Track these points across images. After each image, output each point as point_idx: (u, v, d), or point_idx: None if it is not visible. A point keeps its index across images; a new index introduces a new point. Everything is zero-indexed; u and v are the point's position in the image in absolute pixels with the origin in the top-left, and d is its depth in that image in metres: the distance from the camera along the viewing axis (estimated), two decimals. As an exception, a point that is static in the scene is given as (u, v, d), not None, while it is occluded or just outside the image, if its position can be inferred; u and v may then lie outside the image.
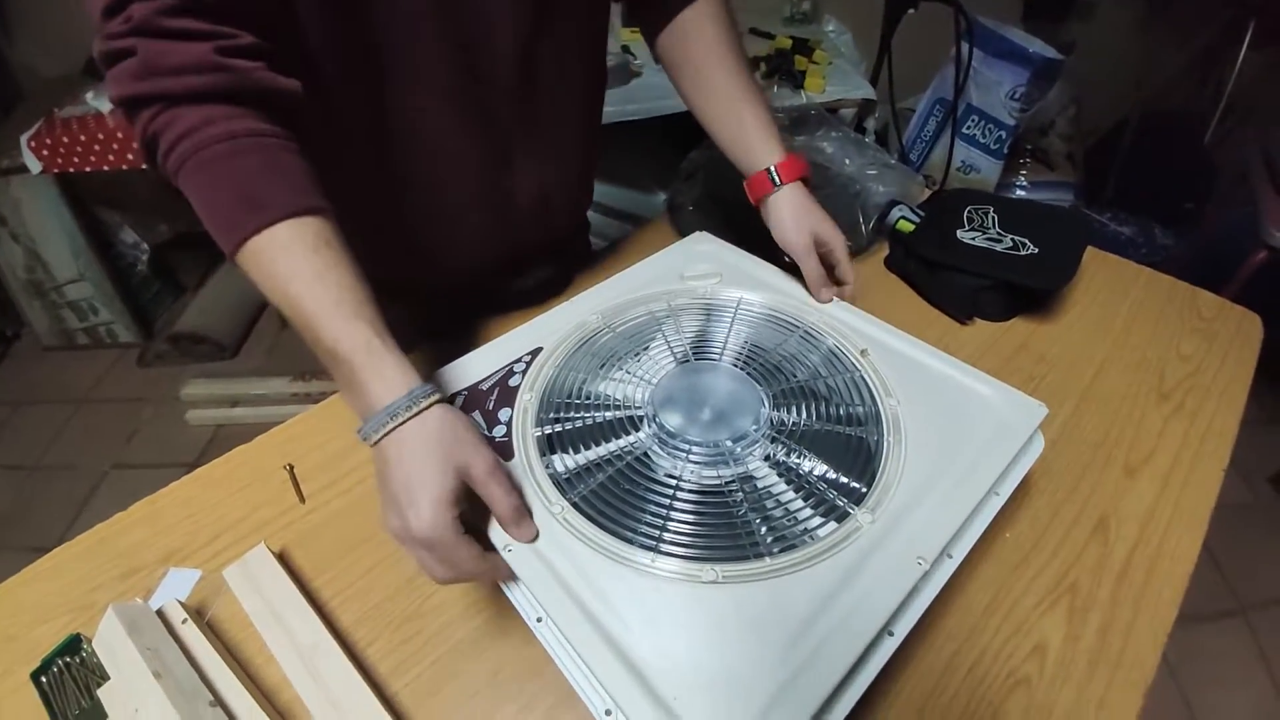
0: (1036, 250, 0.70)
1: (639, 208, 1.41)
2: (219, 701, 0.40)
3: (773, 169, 0.60)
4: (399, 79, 0.51)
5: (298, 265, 0.39)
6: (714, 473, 0.45)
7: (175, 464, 0.59)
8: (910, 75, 1.59)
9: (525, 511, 0.41)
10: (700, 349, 0.54)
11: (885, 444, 0.46)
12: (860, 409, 0.49)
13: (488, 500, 0.40)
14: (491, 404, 0.50)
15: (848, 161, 0.84)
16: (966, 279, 0.69)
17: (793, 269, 0.62)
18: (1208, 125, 1.71)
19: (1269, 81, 1.65)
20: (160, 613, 0.46)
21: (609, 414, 0.49)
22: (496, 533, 0.41)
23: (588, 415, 0.49)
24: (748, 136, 0.62)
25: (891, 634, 0.38)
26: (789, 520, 0.42)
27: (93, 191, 1.75)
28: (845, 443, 0.47)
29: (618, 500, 0.43)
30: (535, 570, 0.39)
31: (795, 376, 0.52)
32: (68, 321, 1.87)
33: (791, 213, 0.60)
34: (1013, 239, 0.71)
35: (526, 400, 0.50)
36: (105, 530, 0.55)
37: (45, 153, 1.51)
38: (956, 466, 0.44)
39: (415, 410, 0.38)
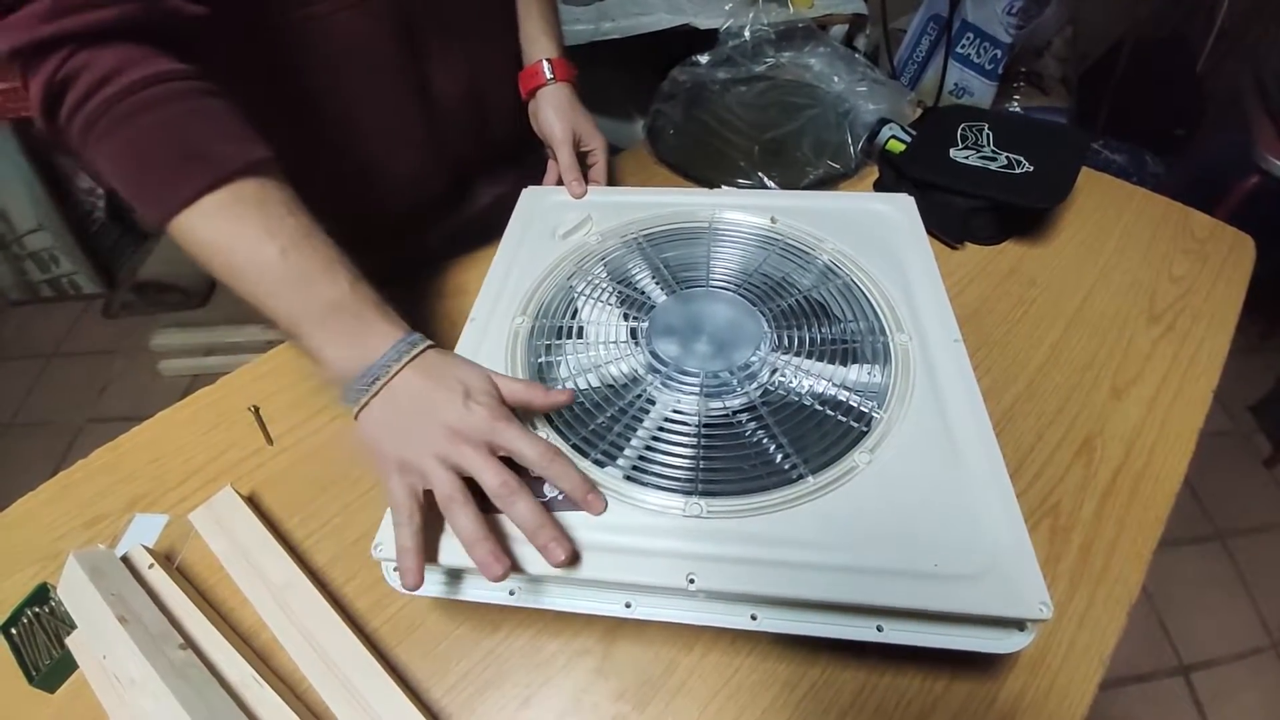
0: (1032, 168, 0.67)
1: (617, 137, 1.35)
2: (190, 644, 0.39)
3: (546, 62, 0.62)
4: None
5: (274, 224, 0.37)
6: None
7: (151, 416, 0.57)
8: (903, -7, 1.51)
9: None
10: (632, 300, 0.52)
11: (874, 294, 0.49)
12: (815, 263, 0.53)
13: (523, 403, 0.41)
14: None
15: (836, 79, 0.79)
16: (959, 200, 0.66)
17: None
18: (1200, 51, 1.67)
19: (1261, 7, 1.59)
20: (126, 559, 0.44)
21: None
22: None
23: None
24: (530, 26, 0.63)
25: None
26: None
27: (43, 136, 1.65)
28: (848, 290, 0.50)
29: (737, 454, 0.41)
30: (729, 572, 0.36)
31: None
32: (30, 274, 1.80)
33: (556, 106, 0.62)
34: (1008, 157, 0.68)
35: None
36: (67, 478, 0.53)
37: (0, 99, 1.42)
38: (912, 276, 0.51)
39: (425, 344, 0.39)
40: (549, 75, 0.62)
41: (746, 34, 0.83)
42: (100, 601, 0.39)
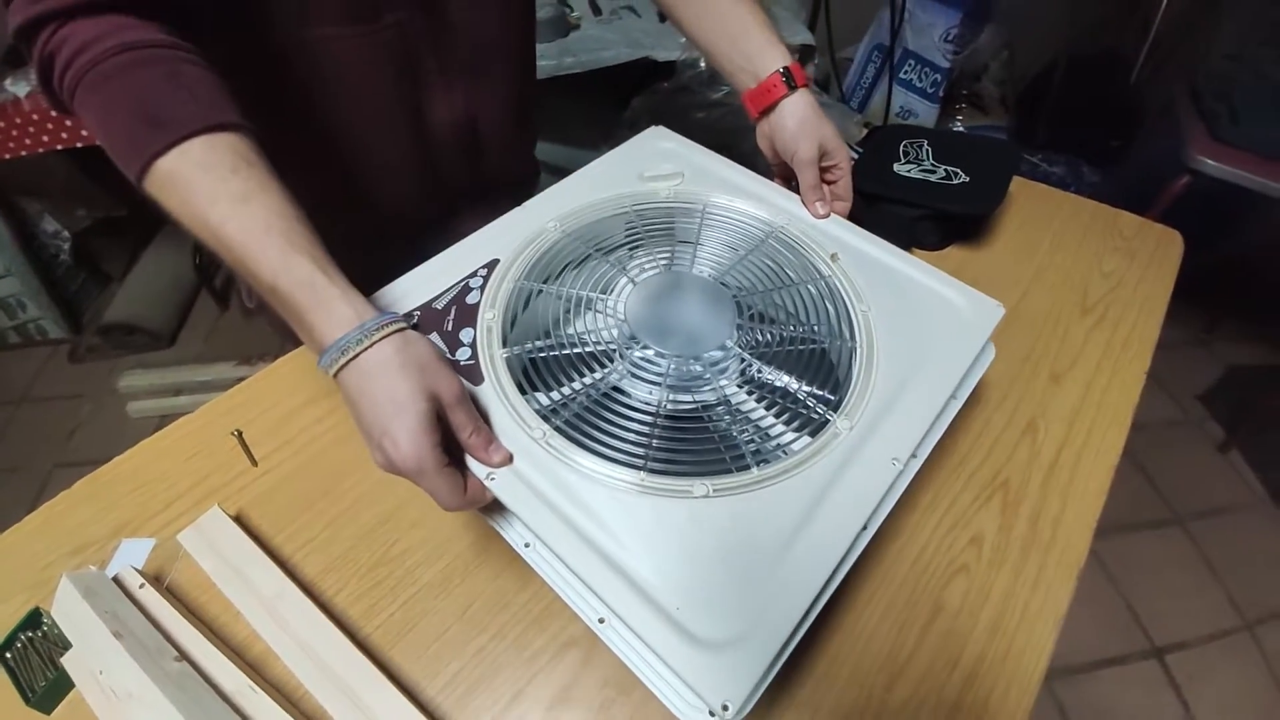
0: (968, 179, 0.72)
1: (582, 165, 1.40)
2: (184, 658, 0.40)
3: (786, 70, 0.56)
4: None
5: (216, 188, 0.36)
6: (689, 397, 0.44)
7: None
8: (848, 24, 1.60)
9: (492, 436, 0.40)
10: (666, 261, 0.53)
11: (858, 352, 0.46)
12: (832, 317, 0.48)
13: (454, 427, 0.38)
14: (450, 324, 0.46)
15: (786, 102, 0.84)
16: (903, 210, 0.71)
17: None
18: (1135, 63, 1.76)
19: (1195, 17, 1.68)
20: (116, 579, 0.45)
21: (578, 350, 0.47)
22: (476, 463, 0.39)
23: (559, 351, 0.46)
24: (751, 39, 0.57)
25: (865, 529, 0.39)
26: (762, 436, 0.42)
27: (10, 180, 1.64)
28: (819, 355, 0.46)
29: (599, 422, 0.42)
30: (521, 495, 0.38)
31: (766, 286, 0.51)
32: (-2, 321, 1.77)
33: (801, 119, 0.56)
34: (946, 169, 0.73)
35: (489, 319, 0.46)
36: (50, 511, 0.53)
37: (-35, 145, 1.42)
38: (924, 370, 0.45)
39: (367, 343, 0.36)
40: (792, 84, 0.55)
41: (702, 64, 0.89)
42: (94, 617, 0.40)
